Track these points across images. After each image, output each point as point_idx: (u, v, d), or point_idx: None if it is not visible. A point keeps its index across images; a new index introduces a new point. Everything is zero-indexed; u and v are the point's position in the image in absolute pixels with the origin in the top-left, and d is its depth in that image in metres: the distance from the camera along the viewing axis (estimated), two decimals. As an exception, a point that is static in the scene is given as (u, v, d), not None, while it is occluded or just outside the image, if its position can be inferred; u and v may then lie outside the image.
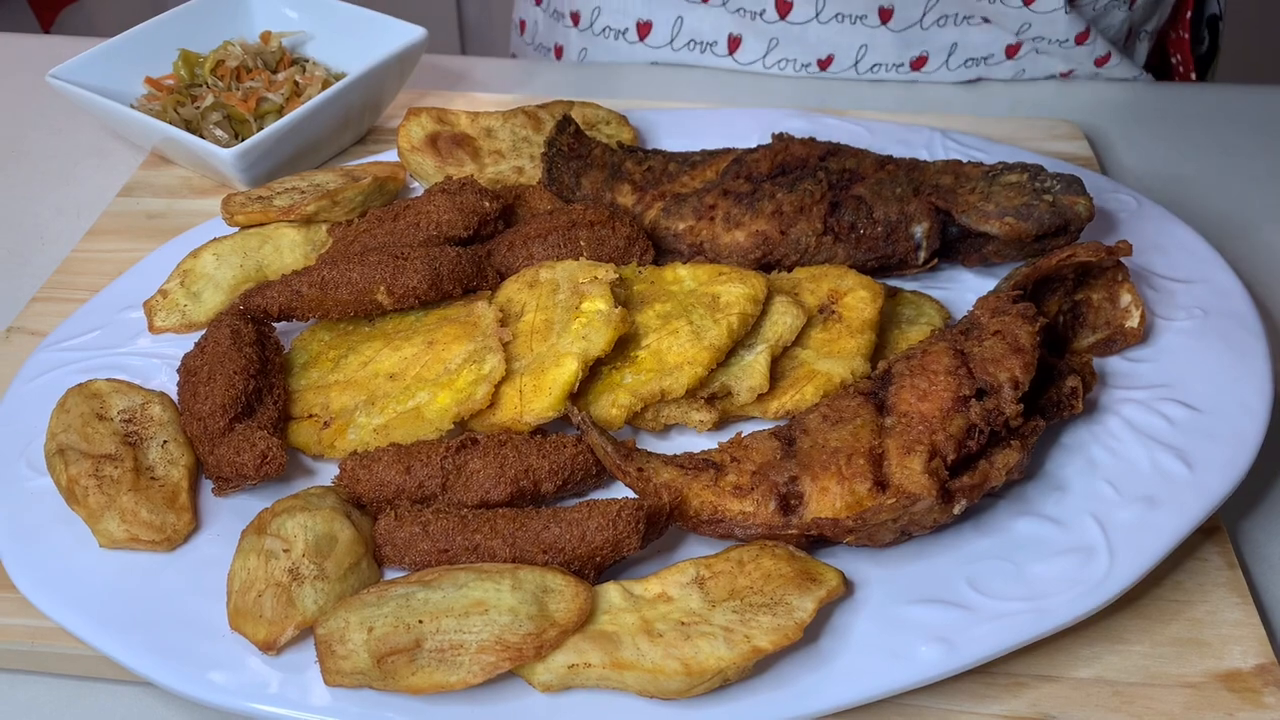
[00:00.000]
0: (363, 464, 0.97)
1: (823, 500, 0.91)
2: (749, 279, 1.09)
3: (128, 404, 1.03)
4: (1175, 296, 1.16)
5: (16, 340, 1.21)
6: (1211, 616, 0.94)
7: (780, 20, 1.63)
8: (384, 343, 1.09)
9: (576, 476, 0.98)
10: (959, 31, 1.64)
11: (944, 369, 0.98)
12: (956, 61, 1.67)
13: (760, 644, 0.82)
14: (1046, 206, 1.15)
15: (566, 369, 1.01)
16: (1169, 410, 1.04)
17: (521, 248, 1.16)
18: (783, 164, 1.25)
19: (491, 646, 0.81)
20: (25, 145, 1.58)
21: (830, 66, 1.69)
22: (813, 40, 1.66)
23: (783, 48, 1.67)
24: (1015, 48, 1.65)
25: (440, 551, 0.90)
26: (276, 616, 0.86)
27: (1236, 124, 1.59)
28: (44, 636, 0.93)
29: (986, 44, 1.65)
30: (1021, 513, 0.97)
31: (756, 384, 1.04)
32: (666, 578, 0.88)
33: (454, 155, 1.32)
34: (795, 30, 1.65)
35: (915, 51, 1.66)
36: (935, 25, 1.63)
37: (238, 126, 1.43)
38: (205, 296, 1.16)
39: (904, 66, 1.68)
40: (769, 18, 1.64)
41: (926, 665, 0.86)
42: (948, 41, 1.65)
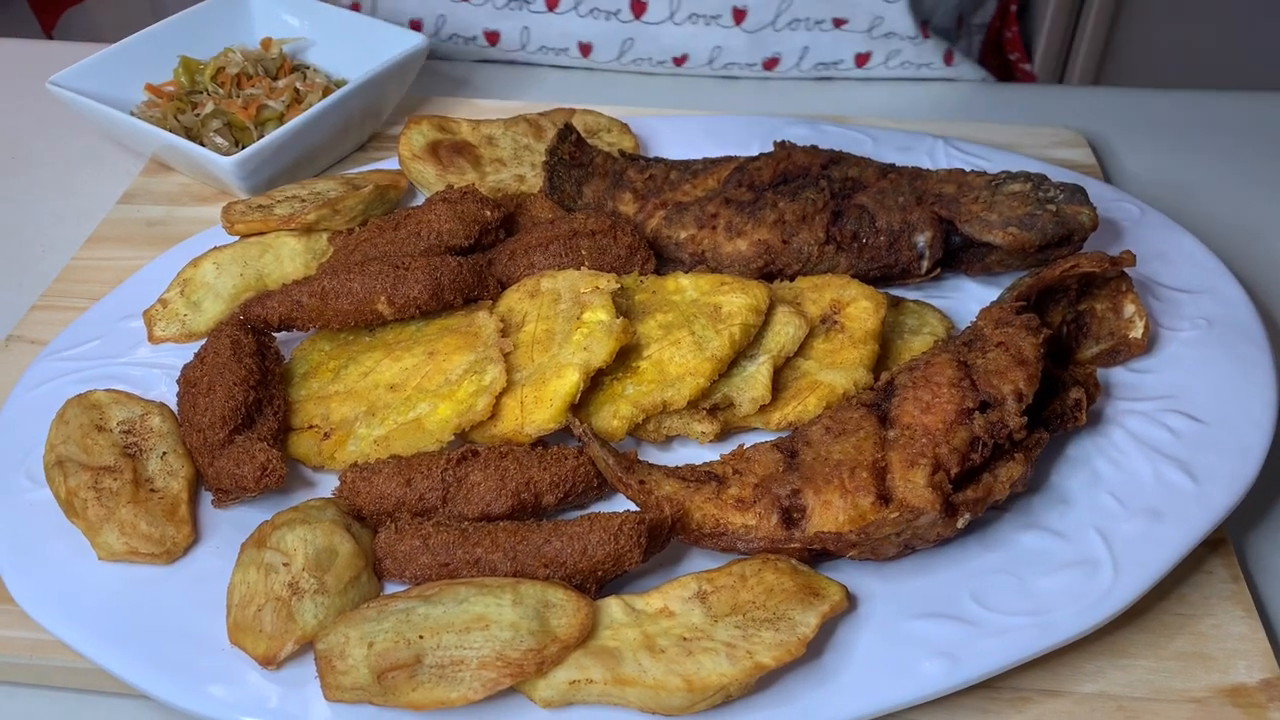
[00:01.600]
0: (363, 476, 0.97)
1: (825, 514, 0.91)
2: (751, 289, 1.09)
3: (127, 415, 1.02)
4: (1179, 306, 1.16)
5: (16, 349, 1.21)
6: (1216, 631, 0.94)
7: (635, 20, 1.66)
8: (384, 353, 1.08)
9: (578, 489, 0.98)
10: (810, 35, 1.67)
11: (947, 381, 0.98)
12: (808, 64, 1.70)
13: (763, 660, 0.82)
14: (1050, 216, 1.15)
15: (568, 380, 1.00)
16: (1173, 422, 1.04)
17: (523, 257, 1.15)
18: (785, 172, 1.25)
19: (492, 662, 0.81)
20: (25, 151, 1.57)
21: (685, 64, 1.71)
22: (667, 40, 1.69)
23: (637, 47, 1.70)
24: (865, 57, 1.69)
25: (441, 565, 0.90)
26: (276, 631, 0.85)
27: (1241, 131, 1.59)
28: (43, 649, 0.93)
29: (836, 49, 1.69)
30: (1025, 526, 0.97)
31: (759, 395, 1.04)
32: (668, 592, 0.88)
33: (455, 163, 1.31)
34: (650, 30, 1.68)
35: (768, 52, 1.69)
36: (788, 28, 1.66)
37: (238, 134, 1.42)
38: (205, 306, 1.16)
39: (756, 66, 1.71)
40: (624, 18, 1.66)
41: (930, 681, 0.85)
42: (799, 44, 1.68)
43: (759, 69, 1.70)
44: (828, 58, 1.69)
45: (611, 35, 1.69)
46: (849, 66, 1.70)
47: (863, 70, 1.70)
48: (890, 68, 1.70)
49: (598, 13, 1.66)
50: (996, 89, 1.70)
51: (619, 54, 1.70)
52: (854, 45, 1.68)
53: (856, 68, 1.70)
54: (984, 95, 1.68)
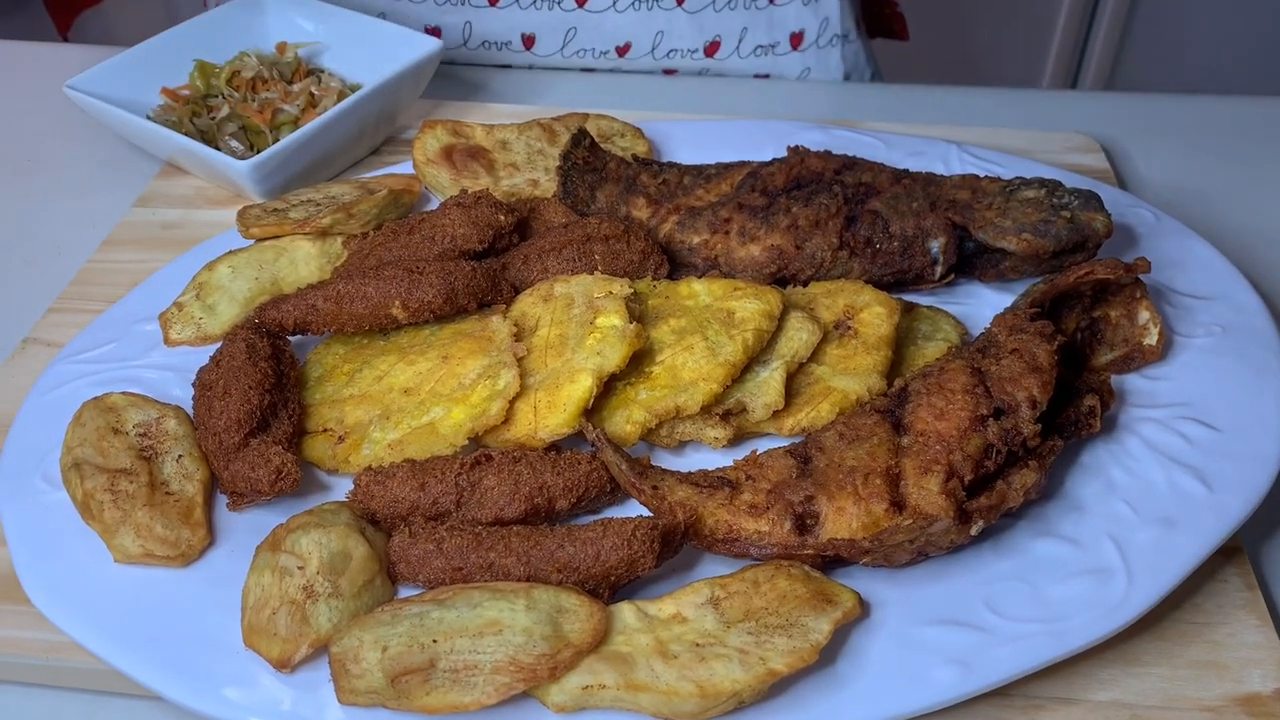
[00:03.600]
0: (377, 480, 0.97)
1: (839, 520, 0.91)
2: (764, 294, 1.09)
3: (143, 418, 1.03)
4: (1194, 314, 1.15)
5: (33, 351, 1.21)
6: (1231, 639, 0.93)
7: (577, 9, 1.67)
8: (398, 357, 1.09)
9: (591, 494, 0.98)
10: (748, 15, 1.69)
11: (961, 388, 0.97)
12: (747, 48, 1.71)
13: (776, 666, 0.82)
14: (1064, 223, 1.14)
15: (581, 385, 1.00)
16: (1188, 429, 1.04)
17: (536, 261, 1.16)
18: (798, 177, 1.25)
19: (506, 667, 0.81)
20: (41, 154, 1.58)
21: (628, 54, 1.72)
22: (610, 28, 1.70)
23: (580, 37, 1.70)
24: (799, 37, 1.71)
25: (454, 569, 0.90)
26: (291, 634, 0.85)
27: (1257, 136, 1.58)
28: (58, 651, 0.93)
29: (771, 31, 1.71)
30: (1039, 533, 0.96)
31: (772, 401, 1.04)
32: (681, 598, 0.88)
33: (469, 168, 1.32)
34: (593, 19, 1.69)
35: (709, 36, 1.70)
36: (727, 8, 1.67)
37: (253, 137, 1.43)
38: (220, 309, 1.16)
39: (698, 52, 1.72)
40: (566, 6, 1.67)
41: (943, 688, 0.85)
42: (739, 26, 1.70)
43: (700, 55, 1.72)
44: (765, 40, 1.71)
45: (555, 25, 1.70)
46: (785, 49, 1.72)
47: (798, 52, 1.72)
48: (822, 47, 1.73)
49: (540, 3, 1.67)
50: (1010, 94, 1.70)
51: (562, 44, 1.71)
52: (788, 25, 1.71)
53: (792, 49, 1.72)
54: (997, 100, 1.68)
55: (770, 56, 1.73)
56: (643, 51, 1.72)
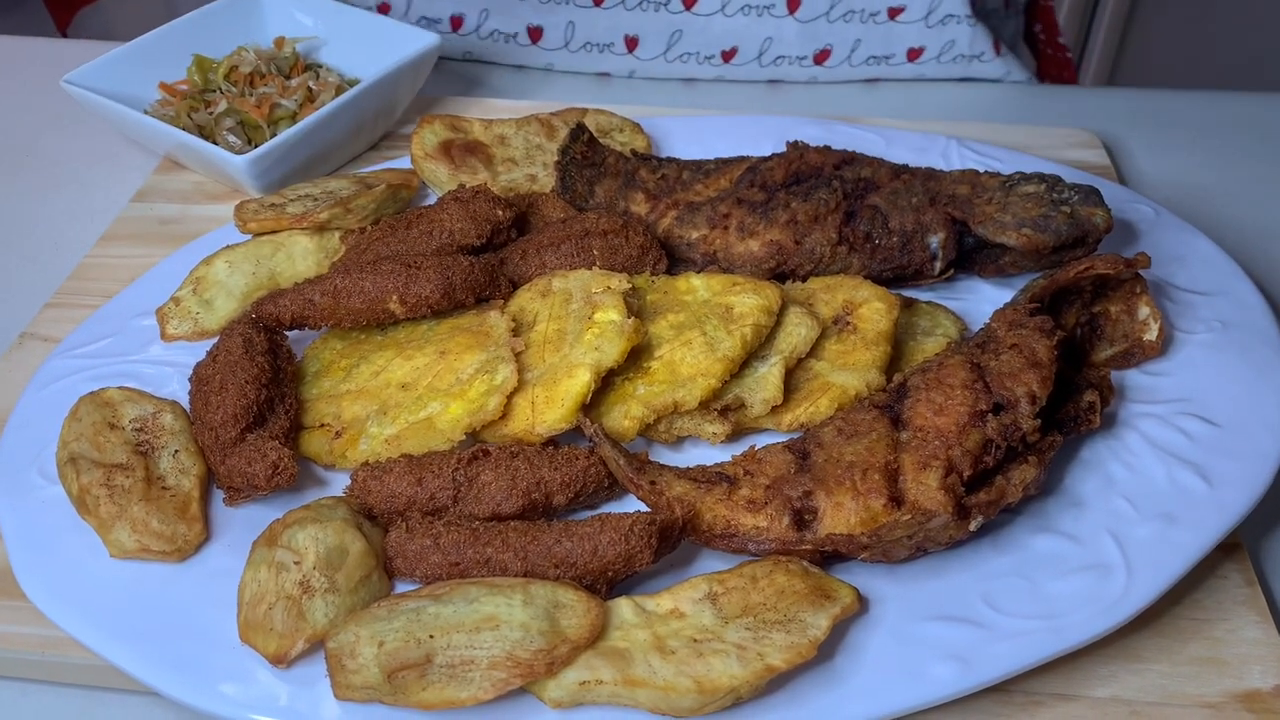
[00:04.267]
0: (374, 475, 0.97)
1: (837, 516, 0.91)
2: (763, 289, 1.08)
3: (139, 413, 1.03)
4: (1194, 309, 1.15)
5: (29, 346, 1.21)
6: (1231, 635, 0.93)
7: (685, 11, 1.63)
8: (396, 352, 1.08)
9: (589, 489, 0.97)
10: (864, 28, 1.64)
11: (960, 383, 0.97)
12: (859, 58, 1.67)
13: (774, 662, 0.81)
14: (1064, 218, 1.14)
15: (579, 380, 1.00)
16: (1188, 425, 1.03)
17: (534, 256, 1.15)
18: (797, 172, 1.25)
19: (503, 662, 0.81)
20: (39, 149, 1.58)
21: (733, 59, 1.68)
22: (717, 32, 1.66)
23: (685, 40, 1.67)
24: (917, 52, 1.66)
25: (451, 565, 0.90)
26: (287, 630, 0.85)
27: (1257, 132, 1.58)
28: (54, 646, 0.93)
29: (889, 43, 1.66)
30: (1038, 529, 0.96)
31: (770, 396, 1.03)
32: (679, 593, 0.87)
33: (467, 163, 1.31)
34: (699, 22, 1.65)
35: (820, 44, 1.66)
36: (841, 19, 1.63)
37: (251, 132, 1.43)
38: (217, 304, 1.16)
39: (807, 59, 1.68)
40: (674, 9, 1.63)
41: (942, 684, 0.85)
42: (852, 37, 1.65)
43: (809, 62, 1.67)
44: (880, 51, 1.66)
45: (659, 28, 1.66)
46: (900, 61, 1.66)
47: (914, 64, 1.67)
48: (943, 62, 1.67)
49: (646, 4, 1.63)
50: (1011, 89, 1.70)
51: (666, 48, 1.67)
52: (908, 39, 1.65)
53: (908, 62, 1.66)
54: (998, 95, 1.68)
55: (884, 65, 1.67)
56: (749, 57, 1.67)
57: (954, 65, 1.68)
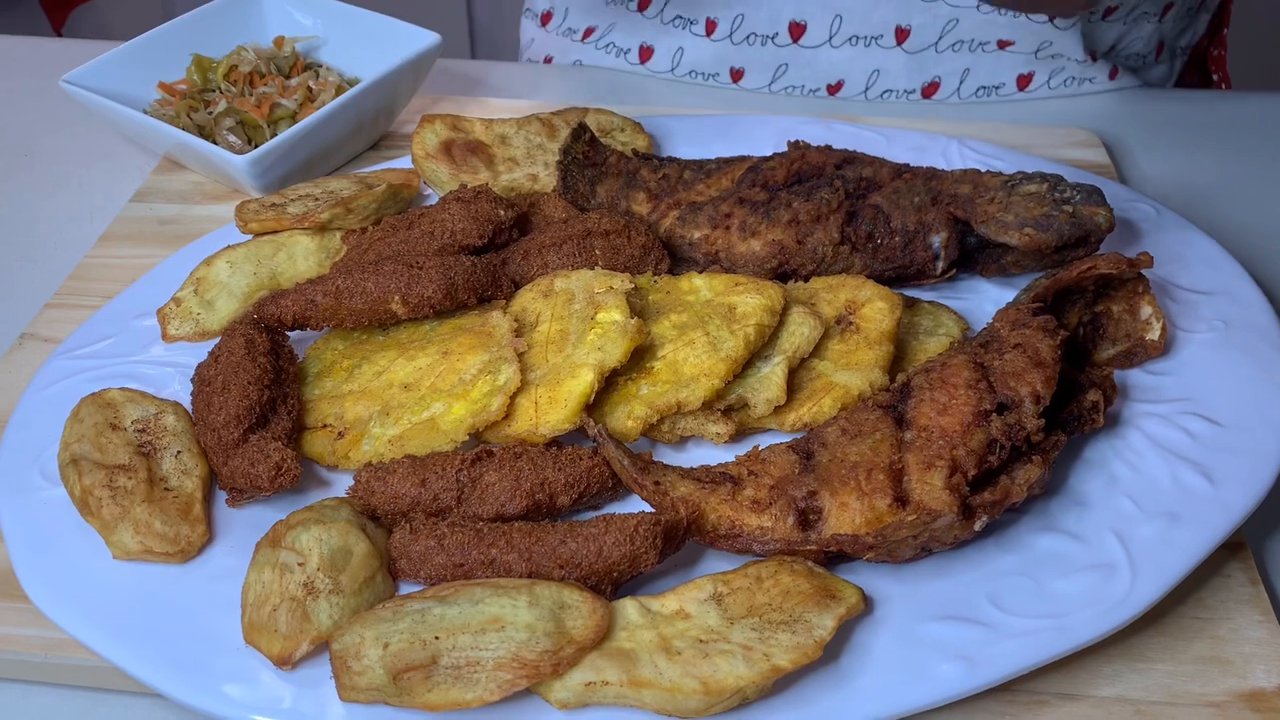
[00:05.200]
0: (378, 476, 0.97)
1: (842, 516, 0.90)
2: (766, 289, 1.08)
3: (141, 414, 1.02)
4: (1196, 308, 1.15)
5: (30, 347, 1.21)
6: (1235, 634, 0.93)
7: (792, 44, 1.59)
8: (398, 352, 1.08)
9: (593, 489, 0.97)
10: (973, 57, 1.60)
11: (964, 382, 0.97)
12: (968, 90, 1.63)
13: (780, 663, 0.81)
14: (1066, 217, 1.14)
15: (582, 380, 1.00)
16: (1191, 424, 1.03)
17: (536, 256, 1.15)
18: (799, 172, 1.25)
19: (508, 664, 0.80)
20: (37, 149, 1.57)
21: (839, 92, 1.65)
22: (823, 65, 1.63)
23: (791, 73, 1.63)
24: (1027, 79, 1.62)
25: (456, 566, 0.89)
26: (291, 631, 0.85)
27: (1257, 131, 1.58)
28: (57, 648, 0.92)
29: (998, 72, 1.62)
30: (1042, 528, 0.96)
31: (774, 396, 1.03)
32: (684, 594, 0.87)
33: (468, 162, 1.31)
34: (806, 55, 1.61)
35: (928, 76, 1.62)
36: (950, 49, 1.58)
37: (251, 132, 1.42)
38: (219, 305, 1.15)
39: (915, 93, 1.64)
40: (780, 41, 1.60)
41: (947, 684, 0.85)
42: (960, 67, 1.61)
43: (917, 96, 1.63)
44: (989, 80, 1.62)
45: (765, 60, 1.63)
46: (1010, 90, 1.62)
47: (1024, 93, 1.62)
48: (1053, 87, 1.63)
49: (754, 37, 1.60)
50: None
51: (771, 79, 1.64)
52: (1017, 66, 1.61)
53: (1019, 90, 1.62)
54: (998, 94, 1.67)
55: (994, 95, 1.63)
56: (855, 91, 1.63)
57: (1065, 89, 1.63)
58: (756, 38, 1.60)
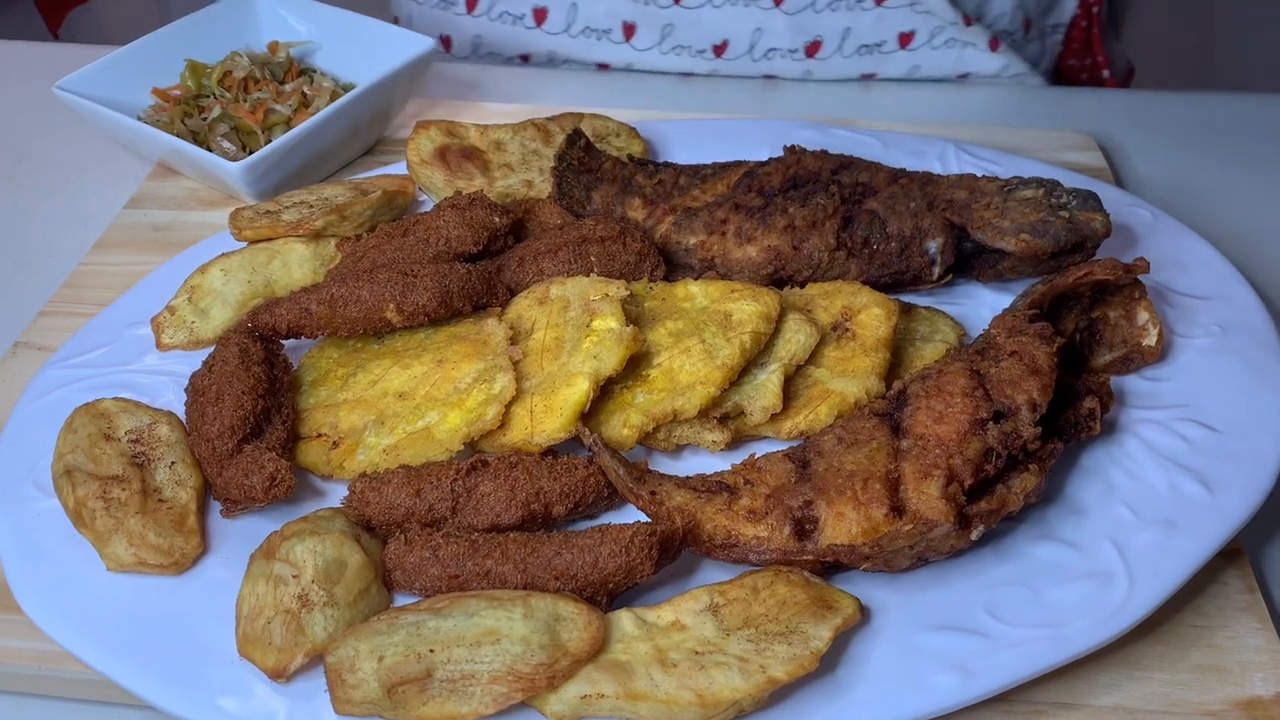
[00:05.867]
0: (372, 486, 0.96)
1: (838, 526, 0.90)
2: (762, 296, 1.08)
3: (135, 424, 1.02)
4: (1193, 313, 1.15)
5: (23, 355, 1.20)
6: (1232, 643, 0.93)
7: (674, 5, 1.64)
8: (393, 361, 1.08)
9: (588, 499, 0.97)
10: (851, 16, 1.64)
11: (960, 390, 0.97)
12: (850, 48, 1.67)
13: (776, 674, 0.81)
14: (1063, 223, 1.14)
15: (578, 389, 0.99)
16: (1187, 431, 1.03)
17: (532, 263, 1.15)
18: (795, 177, 1.24)
19: (503, 676, 0.80)
20: (32, 154, 1.57)
21: (725, 52, 1.69)
22: (707, 25, 1.67)
23: (678, 33, 1.67)
24: (908, 36, 1.65)
25: (451, 577, 0.89)
26: (286, 644, 0.85)
27: (1256, 133, 1.57)
28: (51, 660, 0.92)
29: (878, 30, 1.66)
30: (1039, 537, 0.96)
31: (770, 404, 1.03)
32: (680, 605, 0.87)
33: (463, 169, 1.31)
34: (690, 15, 1.66)
35: (809, 36, 1.66)
36: (828, 9, 1.63)
37: (245, 138, 1.42)
38: (213, 313, 1.15)
39: (798, 52, 1.68)
40: (663, 2, 1.64)
41: (944, 694, 0.85)
42: (841, 26, 1.65)
43: (801, 55, 1.67)
44: (871, 39, 1.66)
45: (653, 19, 1.67)
46: (892, 47, 1.66)
47: (906, 51, 1.66)
48: (935, 47, 1.66)
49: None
50: (1007, 91, 1.69)
51: (660, 39, 1.68)
52: (896, 24, 1.65)
53: (900, 48, 1.66)
54: (994, 97, 1.67)
55: (875, 54, 1.67)
56: (740, 51, 1.68)
57: (948, 51, 1.66)
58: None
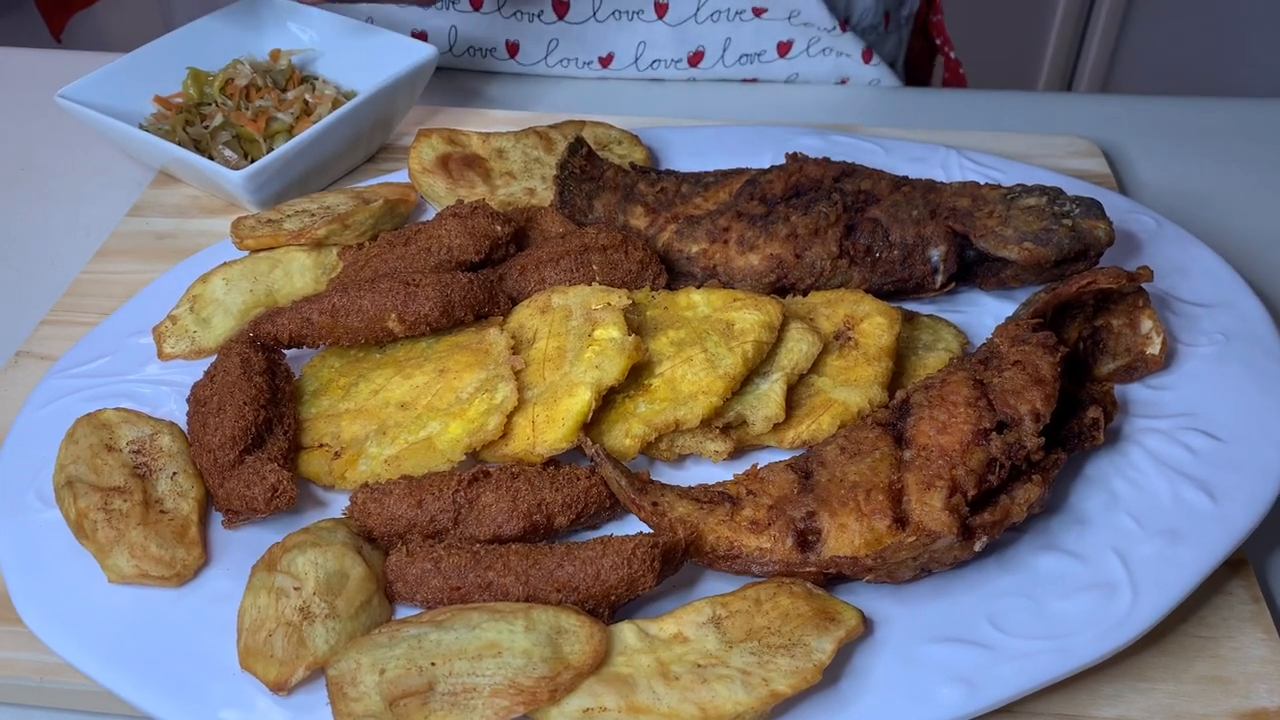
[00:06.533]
0: (374, 497, 0.96)
1: (841, 538, 0.90)
2: (764, 305, 1.08)
3: (137, 434, 1.02)
4: (1197, 321, 1.14)
5: (25, 365, 1.20)
6: (1237, 654, 0.92)
7: (559, 20, 1.66)
8: (395, 370, 1.07)
9: (590, 510, 0.97)
10: (732, 26, 1.67)
11: (963, 400, 0.96)
12: (731, 57, 1.69)
13: (779, 687, 0.81)
14: (1066, 231, 1.13)
15: (579, 399, 0.99)
16: (1192, 440, 1.03)
17: (534, 272, 1.15)
18: (797, 185, 1.24)
19: (505, 690, 0.80)
20: (34, 162, 1.57)
21: (611, 64, 1.71)
22: (592, 39, 1.69)
23: (563, 47, 1.69)
24: (787, 45, 1.69)
25: (452, 589, 0.89)
26: (287, 657, 0.84)
27: (1260, 139, 1.57)
28: (52, 672, 0.92)
29: (758, 40, 1.69)
30: (1043, 548, 0.95)
31: (772, 413, 1.03)
32: (683, 617, 0.87)
33: (465, 177, 1.30)
34: (575, 30, 1.68)
35: (692, 46, 1.69)
36: (710, 20, 1.66)
37: (247, 146, 1.42)
38: (215, 322, 1.15)
39: (681, 62, 1.70)
40: (547, 18, 1.66)
41: (948, 707, 0.84)
42: (722, 36, 1.68)
43: (684, 65, 1.71)
44: (750, 49, 1.70)
45: (537, 35, 1.69)
46: (771, 56, 1.70)
47: (785, 60, 1.70)
48: (812, 55, 1.70)
49: (520, 15, 1.66)
50: (1010, 97, 1.69)
51: (545, 54, 1.70)
52: (775, 34, 1.69)
53: (779, 57, 1.70)
54: (996, 104, 1.67)
55: (756, 63, 1.71)
56: (626, 62, 1.71)
57: (824, 59, 1.70)
58: (524, 14, 1.66)
